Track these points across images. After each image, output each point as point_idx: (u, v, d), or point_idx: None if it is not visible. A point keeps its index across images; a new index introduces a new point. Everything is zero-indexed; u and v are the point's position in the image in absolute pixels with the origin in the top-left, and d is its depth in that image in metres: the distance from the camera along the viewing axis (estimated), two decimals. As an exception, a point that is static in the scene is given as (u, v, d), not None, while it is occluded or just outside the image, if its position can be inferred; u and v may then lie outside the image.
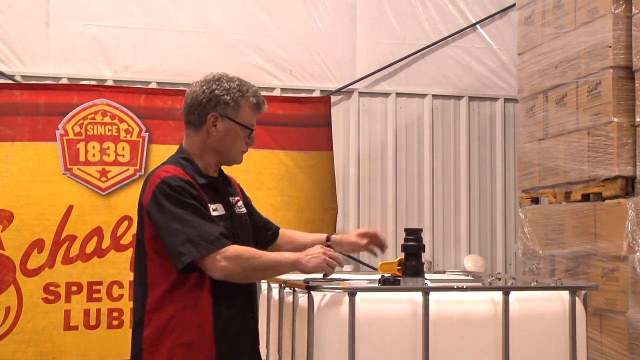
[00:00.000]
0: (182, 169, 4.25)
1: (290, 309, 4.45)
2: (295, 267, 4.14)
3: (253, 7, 8.88)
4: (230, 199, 4.43)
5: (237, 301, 4.25)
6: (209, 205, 4.22)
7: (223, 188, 4.42)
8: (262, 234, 4.77)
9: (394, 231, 9.03)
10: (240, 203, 4.49)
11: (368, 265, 8.77)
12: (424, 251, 4.61)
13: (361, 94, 9.16)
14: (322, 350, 4.11)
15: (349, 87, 9.09)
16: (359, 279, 4.87)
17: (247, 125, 4.34)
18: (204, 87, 4.28)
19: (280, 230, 4.90)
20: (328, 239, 4.78)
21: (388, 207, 9.11)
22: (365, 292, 4.19)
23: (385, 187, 9.13)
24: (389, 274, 4.54)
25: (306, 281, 4.37)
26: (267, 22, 8.93)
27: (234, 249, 4.07)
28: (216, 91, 4.26)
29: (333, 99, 8.76)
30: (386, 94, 9.21)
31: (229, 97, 4.26)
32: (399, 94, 9.23)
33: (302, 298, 4.27)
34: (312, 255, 4.13)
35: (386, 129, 9.18)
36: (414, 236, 4.58)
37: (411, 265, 4.50)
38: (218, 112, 4.25)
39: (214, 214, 4.22)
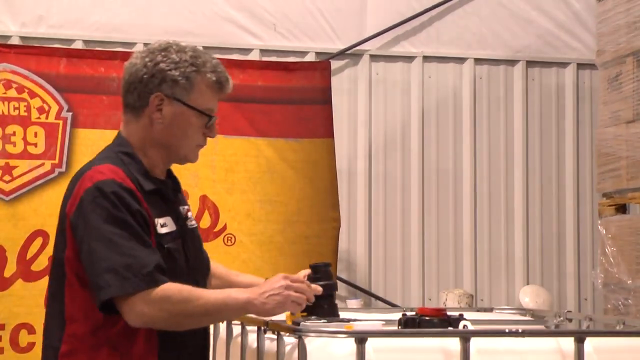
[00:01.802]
0: (123, 170, 4.27)
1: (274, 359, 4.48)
2: (247, 310, 4.18)
3: None
4: (181, 209, 4.50)
5: (189, 347, 4.34)
6: (155, 220, 4.26)
7: (173, 195, 4.49)
8: None
9: (419, 252, 9.13)
10: (190, 214, 4.57)
11: (384, 301, 8.87)
12: (336, 289, 4.74)
13: (374, 57, 9.23)
14: (318, 418, 4.14)
15: (357, 47, 9.16)
16: (370, 319, 4.87)
17: (203, 110, 4.39)
18: (146, 60, 4.30)
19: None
20: None
21: (412, 218, 9.20)
22: (379, 338, 4.21)
23: (408, 190, 9.22)
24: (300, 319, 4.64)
25: (296, 322, 4.39)
26: (241, -43, 8.98)
27: (163, 288, 4.08)
28: (161, 64, 4.29)
29: (334, 64, 8.82)
30: (409, 58, 9.30)
31: (178, 73, 4.29)
32: (426, 58, 9.32)
33: (291, 346, 4.28)
34: (271, 293, 4.13)
35: (409, 107, 9.26)
36: (321, 273, 4.69)
37: (319, 306, 4.58)
38: (164, 91, 4.28)
39: (163, 230, 4.28)
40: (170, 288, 4.08)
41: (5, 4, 8.51)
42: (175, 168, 7.38)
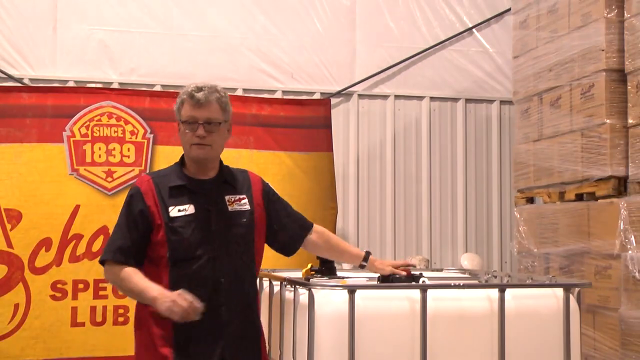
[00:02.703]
0: (153, 177, 4.53)
1: (292, 305, 4.46)
2: (152, 303, 4.21)
3: (255, 12, 8.87)
4: (227, 197, 4.49)
5: (211, 286, 4.33)
6: (171, 207, 4.38)
7: (210, 188, 4.49)
8: (280, 236, 4.70)
9: (392, 230, 9.04)
10: (244, 201, 4.51)
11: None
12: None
13: (360, 96, 9.14)
14: (322, 345, 4.14)
15: (349, 89, 9.07)
16: (358, 276, 4.89)
17: (184, 119, 4.45)
18: None
19: (320, 230, 4.79)
20: (365, 259, 4.68)
21: (386, 206, 9.09)
22: (364, 290, 4.22)
23: (384, 188, 9.12)
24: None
25: (307, 279, 4.40)
26: (269, 26, 8.91)
27: (115, 266, 4.36)
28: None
29: (333, 101, 8.74)
30: (385, 97, 9.20)
31: (175, 105, 4.51)
32: (397, 97, 9.21)
33: (303, 295, 4.29)
34: (164, 300, 4.14)
35: (385, 131, 9.16)
36: None
37: (324, 268, 4.71)
38: (177, 120, 4.52)
39: (179, 214, 4.37)
40: (119, 267, 4.35)
41: (109, 60, 8.49)
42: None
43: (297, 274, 4.74)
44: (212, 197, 4.46)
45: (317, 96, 8.89)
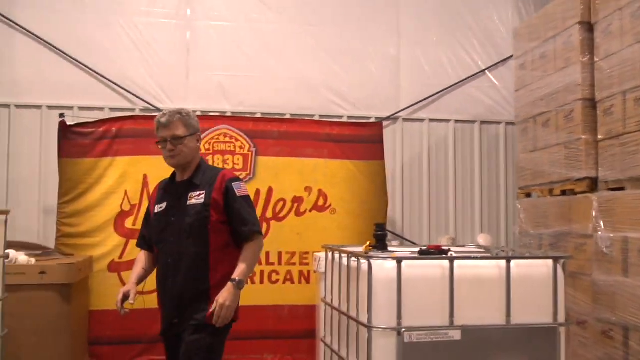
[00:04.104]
0: (161, 182, 4.58)
1: (356, 272, 4.47)
2: None
3: (329, 61, 8.85)
4: (189, 194, 4.33)
5: (163, 264, 4.34)
6: (156, 205, 4.42)
7: (181, 189, 4.39)
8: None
9: (428, 217, 8.98)
10: (201, 196, 4.30)
11: (410, 242, 8.73)
12: (387, 236, 4.80)
13: (404, 120, 9.06)
14: (378, 300, 4.16)
15: (396, 115, 9.01)
16: (404, 250, 4.89)
17: (157, 140, 4.45)
18: None
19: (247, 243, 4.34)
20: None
21: (423, 200, 9.01)
22: (408, 260, 4.23)
23: (422, 186, 9.04)
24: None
25: (366, 252, 4.41)
26: (338, 71, 8.88)
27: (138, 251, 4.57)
28: None
29: (384, 123, 8.69)
30: (422, 120, 9.12)
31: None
32: (431, 120, 9.13)
33: (364, 264, 4.30)
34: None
35: (422, 145, 9.09)
36: (380, 228, 4.77)
37: (379, 245, 4.69)
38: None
39: (158, 210, 4.40)
40: (140, 251, 4.54)
41: (224, 96, 8.52)
42: (309, 175, 7.24)
43: (359, 249, 4.75)
44: (178, 195, 4.36)
45: (372, 120, 8.83)
